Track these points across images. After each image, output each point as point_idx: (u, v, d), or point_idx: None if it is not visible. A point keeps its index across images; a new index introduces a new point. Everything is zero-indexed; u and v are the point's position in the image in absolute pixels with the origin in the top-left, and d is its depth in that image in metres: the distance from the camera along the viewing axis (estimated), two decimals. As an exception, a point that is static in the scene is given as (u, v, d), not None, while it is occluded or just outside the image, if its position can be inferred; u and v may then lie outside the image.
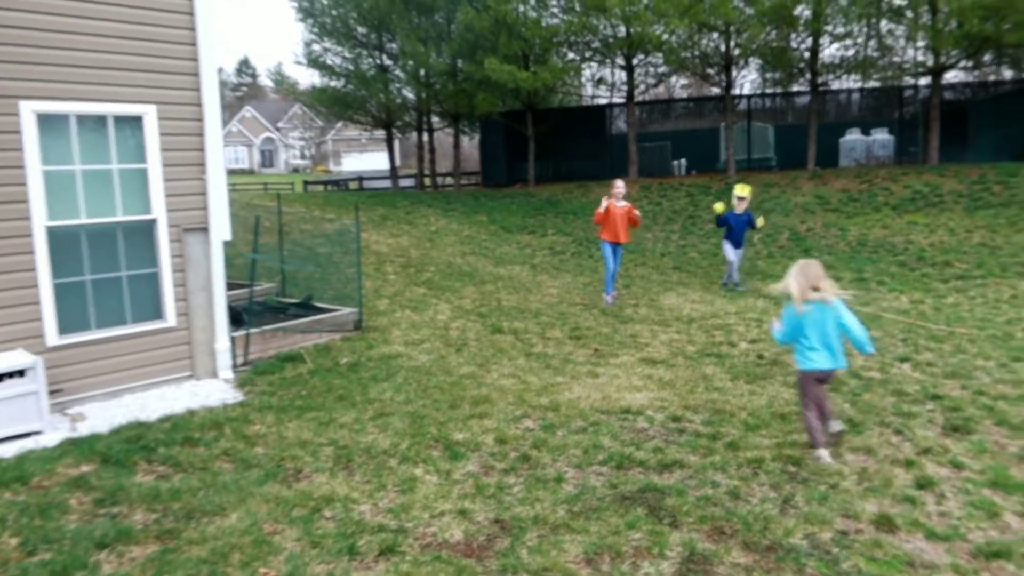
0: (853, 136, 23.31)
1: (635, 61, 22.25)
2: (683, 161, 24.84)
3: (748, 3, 19.51)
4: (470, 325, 9.24)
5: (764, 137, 24.51)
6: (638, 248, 15.41)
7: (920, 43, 19.85)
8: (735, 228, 11.48)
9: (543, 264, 14.04)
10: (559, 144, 24.97)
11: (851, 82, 25.01)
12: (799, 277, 4.90)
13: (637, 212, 10.60)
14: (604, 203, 10.24)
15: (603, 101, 26.12)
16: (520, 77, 20.03)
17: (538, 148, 24.05)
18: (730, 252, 11.50)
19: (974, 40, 17.93)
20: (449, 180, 28.67)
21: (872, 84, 24.06)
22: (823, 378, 5.02)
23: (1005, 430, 5.43)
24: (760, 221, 11.77)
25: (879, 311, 9.71)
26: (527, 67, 21.22)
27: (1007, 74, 24.12)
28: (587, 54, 23.09)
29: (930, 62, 20.23)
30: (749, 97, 25.92)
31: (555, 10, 22.96)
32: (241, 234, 11.84)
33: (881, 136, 23.10)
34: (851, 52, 21.44)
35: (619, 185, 10.51)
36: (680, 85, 42.37)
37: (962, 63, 21.52)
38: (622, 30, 20.96)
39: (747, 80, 24.31)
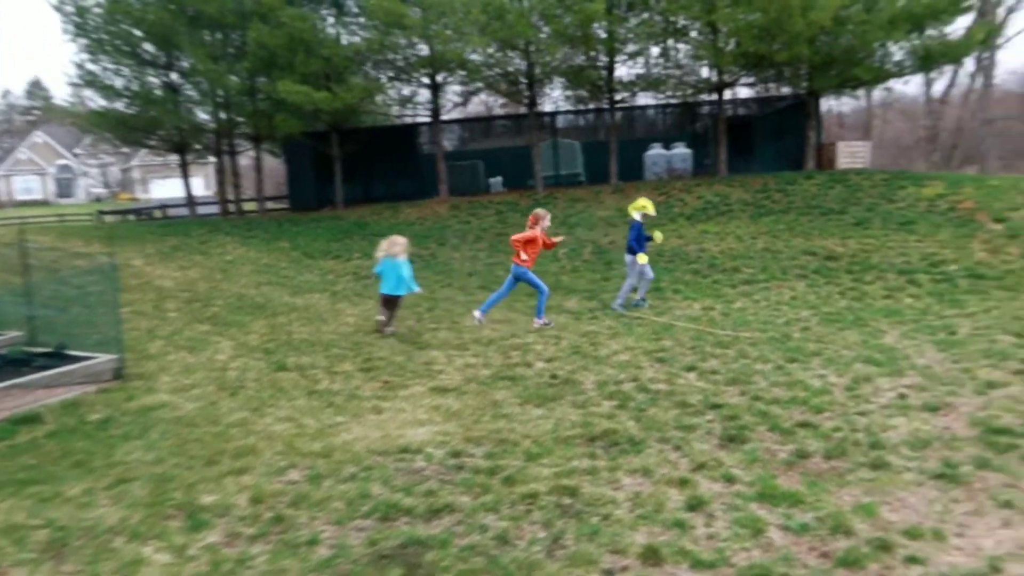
0: (655, 151, 24.44)
1: (439, 79, 22.07)
2: (499, 179, 24.97)
3: (546, 22, 19.88)
4: (252, 364, 8.43)
5: (572, 153, 25.14)
6: (444, 269, 15.09)
7: (705, 61, 21.07)
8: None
9: (344, 291, 13.35)
10: (368, 164, 24.33)
11: (651, 99, 26.30)
12: (386, 244, 9.83)
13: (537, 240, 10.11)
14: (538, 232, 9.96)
15: (417, 119, 25.77)
16: (317, 98, 19.25)
17: (347, 169, 23.27)
18: (648, 268, 11.03)
19: (750, 58, 19.25)
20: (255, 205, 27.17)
21: (673, 100, 25.38)
22: (388, 300, 9.71)
23: (777, 436, 5.47)
24: (658, 236, 11.41)
25: (672, 320, 9.91)
26: (328, 87, 20.43)
27: (784, 90, 26.24)
28: (391, 73, 22.64)
29: (715, 79, 21.54)
30: (553, 114, 26.53)
31: (355, 28, 22.37)
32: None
33: (680, 150, 24.37)
34: (645, 70, 22.42)
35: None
36: (499, 104, 42.93)
37: (743, 80, 23.12)
38: (424, 48, 20.72)
39: (551, 98, 24.70)
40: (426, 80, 22.21)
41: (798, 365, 7.40)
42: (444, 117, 24.01)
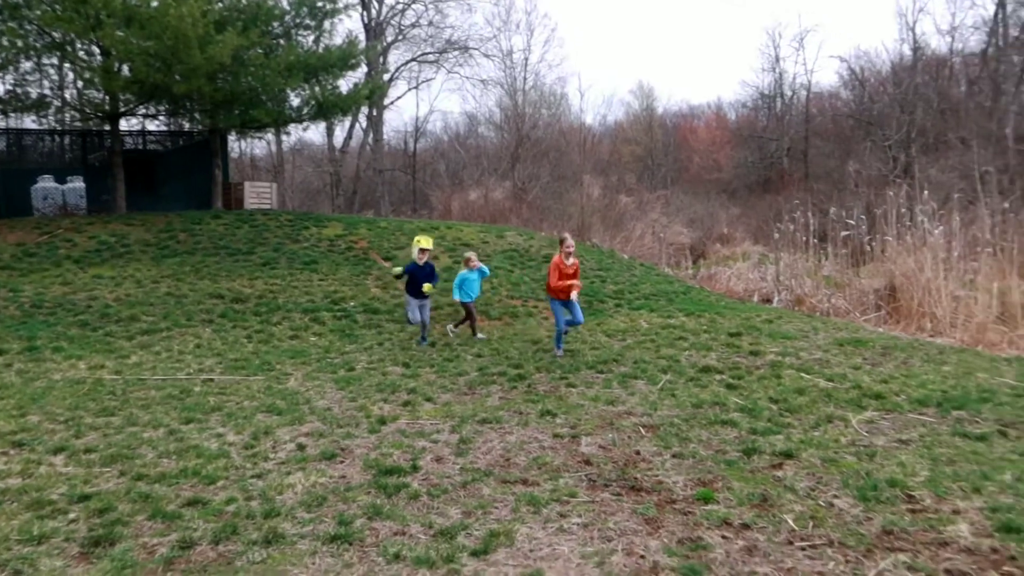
0: (46, 183, 20.93)
1: None
2: None
3: None
4: None
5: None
6: None
7: (94, 86, 18.82)
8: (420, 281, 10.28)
9: None
10: None
11: (41, 123, 22.46)
12: None
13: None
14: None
15: None
16: None
17: None
18: (416, 311, 10.33)
19: (146, 87, 17.80)
20: None
21: (67, 127, 22.08)
22: None
23: (159, 524, 4.52)
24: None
25: (49, 383, 8.08)
26: None
27: (188, 125, 25.24)
28: None
29: (108, 106, 19.43)
30: None
31: None
32: None
33: (76, 184, 21.33)
34: (15, 88, 19.02)
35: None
36: None
37: (142, 110, 21.43)
38: None
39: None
40: None
41: (195, 426, 6.57)
42: None
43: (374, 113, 38.56)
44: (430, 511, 4.66)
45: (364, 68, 30.93)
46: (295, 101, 21.06)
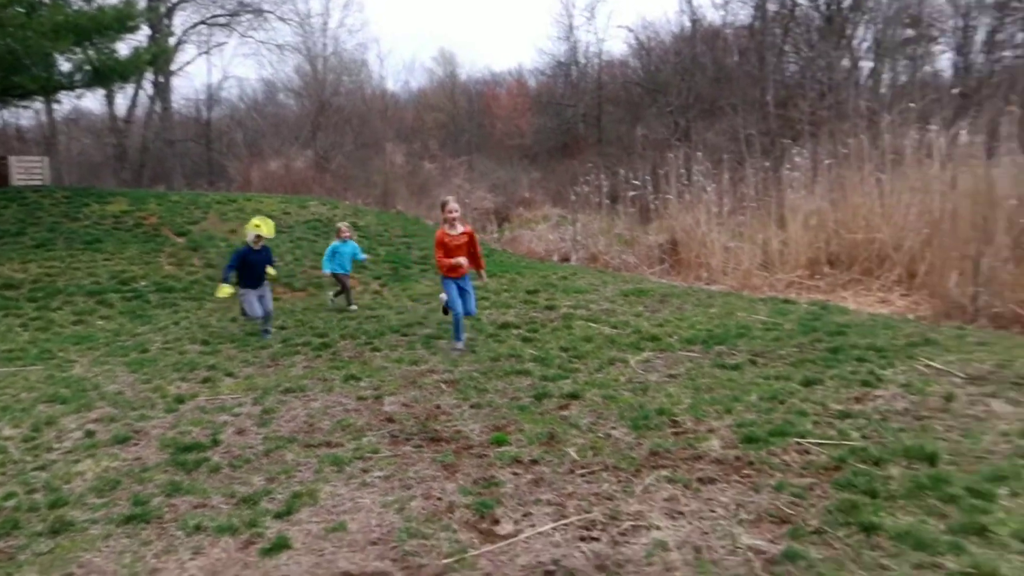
0: None
1: None
2: None
3: None
4: None
5: None
6: None
7: None
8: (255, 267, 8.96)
9: None
10: None
11: None
12: None
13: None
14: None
15: None
16: None
17: None
18: (255, 303, 8.89)
19: None
20: None
21: None
22: None
23: (-75, 527, 4.21)
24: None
25: None
26: None
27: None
28: None
29: None
30: None
31: None
32: None
33: None
34: None
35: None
36: None
37: None
38: None
39: None
40: None
41: (-37, 423, 6.05)
42: None
43: (160, 79, 35.85)
44: (232, 482, 4.68)
45: (146, 30, 28.65)
46: (65, 66, 19.16)
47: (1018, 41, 30.53)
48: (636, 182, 17.99)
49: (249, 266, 8.85)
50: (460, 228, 7.65)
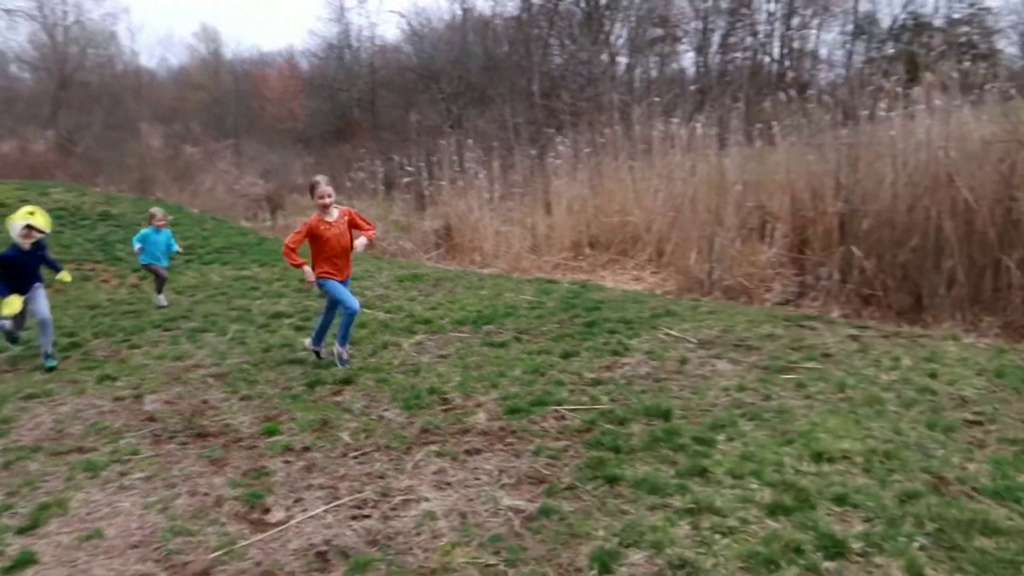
0: None
1: None
2: None
3: None
4: None
5: None
6: None
7: None
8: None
9: None
10: None
11: None
12: None
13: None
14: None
15: None
16: None
17: None
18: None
19: None
20: None
21: None
22: None
23: None
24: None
25: None
26: None
27: None
28: None
29: None
30: None
31: None
32: None
33: None
34: None
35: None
36: None
37: None
38: None
39: None
40: None
41: None
42: None
43: None
44: (-37, 500, 4.24)
45: None
46: None
47: (747, 44, 34.43)
48: (411, 168, 18.15)
49: (19, 269, 7.02)
50: (336, 213, 6.37)
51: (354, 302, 6.35)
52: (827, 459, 4.21)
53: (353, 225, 6.47)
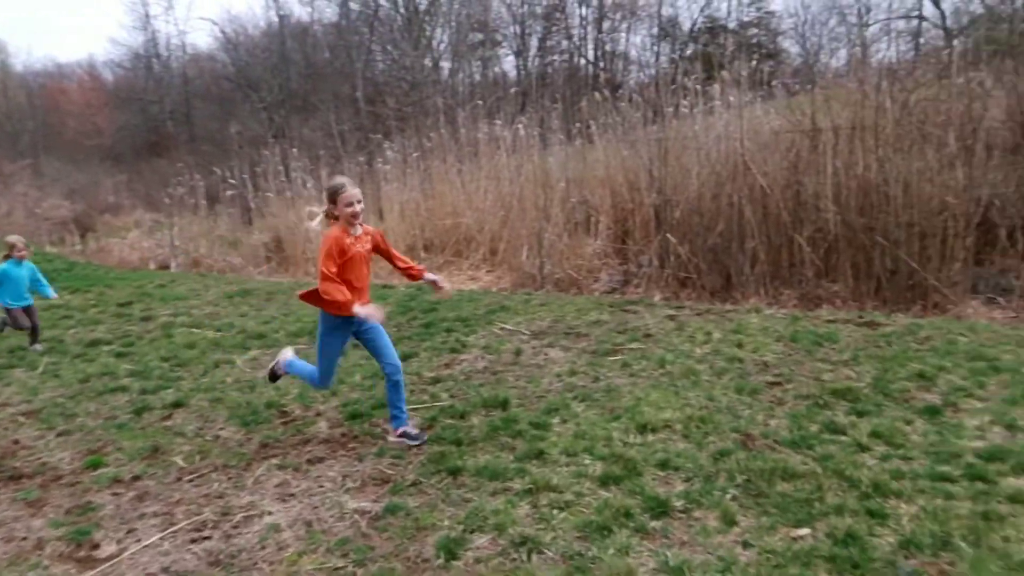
0: None
1: None
2: None
3: None
4: None
5: None
6: None
7: None
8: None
9: None
10: None
11: None
12: None
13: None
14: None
15: None
16: None
17: None
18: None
19: None
20: None
21: None
22: None
23: None
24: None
25: None
26: None
27: None
28: None
29: None
30: None
31: None
32: None
33: None
34: None
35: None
36: None
37: None
38: None
39: None
40: None
41: None
42: None
43: None
44: None
45: None
46: None
47: (563, 47, 35.81)
48: (234, 181, 17.46)
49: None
50: (360, 229, 4.72)
51: (330, 378, 5.02)
52: (651, 429, 4.56)
53: (379, 250, 4.93)
